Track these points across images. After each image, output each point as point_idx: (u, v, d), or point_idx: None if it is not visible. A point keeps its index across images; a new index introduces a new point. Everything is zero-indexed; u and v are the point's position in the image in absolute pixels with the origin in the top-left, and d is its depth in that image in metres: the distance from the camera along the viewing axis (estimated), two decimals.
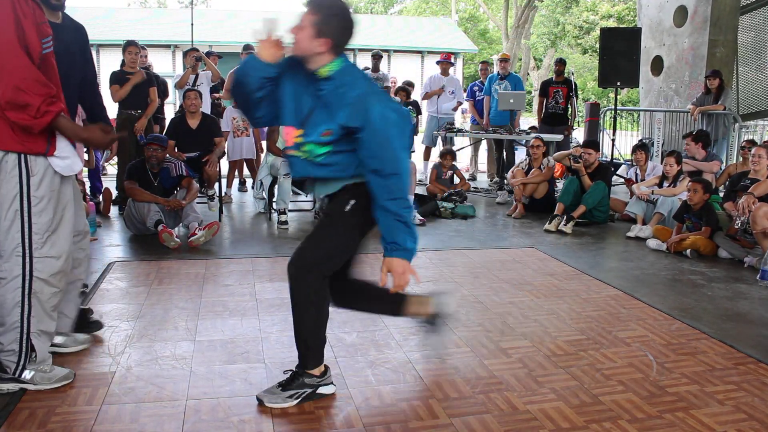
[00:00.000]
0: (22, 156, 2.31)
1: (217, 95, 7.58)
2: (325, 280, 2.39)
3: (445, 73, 8.86)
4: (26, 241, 2.36)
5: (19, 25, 2.23)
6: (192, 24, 6.47)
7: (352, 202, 2.41)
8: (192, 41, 6.53)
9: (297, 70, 2.42)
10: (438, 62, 9.09)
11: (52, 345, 2.68)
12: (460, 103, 8.97)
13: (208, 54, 7.76)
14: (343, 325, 3.27)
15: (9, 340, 2.42)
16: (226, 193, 6.89)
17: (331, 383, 2.55)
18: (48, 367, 2.53)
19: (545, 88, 8.65)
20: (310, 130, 2.36)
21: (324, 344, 2.49)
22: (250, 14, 22.10)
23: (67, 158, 2.42)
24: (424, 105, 9.24)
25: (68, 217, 2.50)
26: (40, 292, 2.41)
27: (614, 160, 8.13)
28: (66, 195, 2.49)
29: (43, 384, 2.50)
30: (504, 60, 8.77)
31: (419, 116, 8.74)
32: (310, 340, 2.43)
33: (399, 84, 9.12)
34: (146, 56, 7.25)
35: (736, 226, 4.63)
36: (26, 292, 2.38)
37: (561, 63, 8.68)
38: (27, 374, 2.47)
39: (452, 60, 9.16)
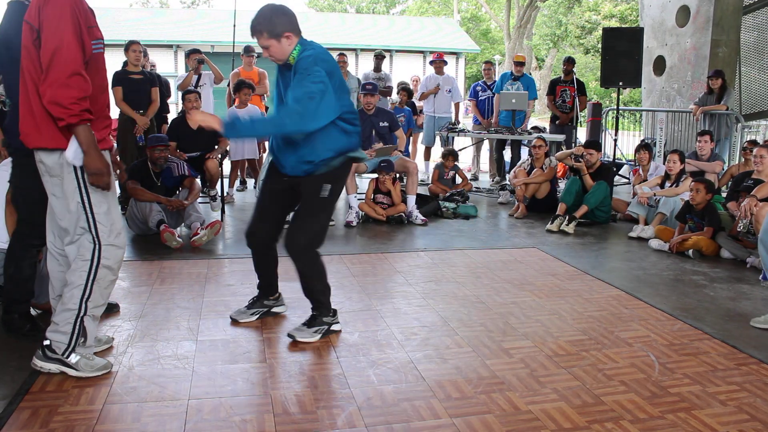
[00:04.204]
0: None
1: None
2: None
3: (439, 72, 8.87)
4: (93, 231, 2.50)
5: (77, 26, 2.37)
6: (234, 25, 6.52)
7: None
8: (234, 42, 6.61)
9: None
10: (431, 62, 9.11)
11: None
12: (457, 104, 8.96)
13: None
14: (345, 326, 3.27)
15: (63, 320, 2.52)
16: (228, 193, 6.89)
17: (338, 322, 3.20)
18: (91, 354, 2.63)
19: (553, 86, 8.67)
20: None
21: (329, 292, 3.13)
22: (251, 15, 22.07)
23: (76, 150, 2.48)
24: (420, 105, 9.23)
25: (118, 209, 2.63)
26: (102, 279, 2.54)
27: (616, 161, 8.12)
28: (114, 188, 2.62)
29: (86, 371, 2.59)
30: (519, 63, 8.66)
31: (416, 116, 8.73)
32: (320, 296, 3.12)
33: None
34: (147, 58, 7.27)
35: (739, 229, 4.62)
36: (91, 277, 2.51)
37: (570, 62, 8.65)
38: (74, 358, 2.57)
39: (445, 59, 9.15)
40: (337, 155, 2.97)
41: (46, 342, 2.57)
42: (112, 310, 3.37)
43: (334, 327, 3.16)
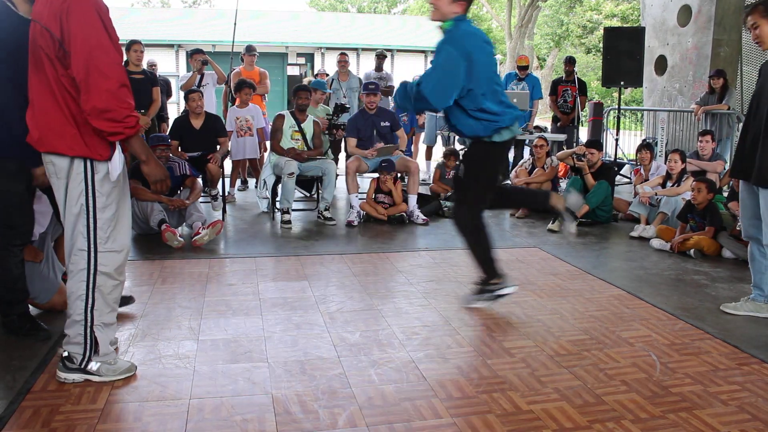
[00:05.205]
0: (88, 160, 2.39)
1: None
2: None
3: None
4: (91, 236, 2.44)
5: (105, 27, 2.32)
6: (235, 24, 6.54)
7: None
8: (233, 41, 6.63)
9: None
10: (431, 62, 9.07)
11: None
12: None
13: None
14: (346, 325, 3.27)
15: (74, 333, 2.51)
16: (229, 193, 6.90)
17: (508, 286, 3.47)
18: (112, 359, 2.62)
19: (555, 86, 8.66)
20: None
21: (495, 261, 3.46)
22: (252, 15, 22.12)
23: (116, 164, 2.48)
24: None
25: (127, 212, 2.59)
26: (103, 286, 2.49)
27: (618, 160, 8.11)
28: (127, 192, 2.59)
29: (108, 375, 2.58)
30: (523, 68, 8.60)
31: (418, 116, 8.72)
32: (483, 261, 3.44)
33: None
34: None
35: (739, 228, 4.61)
36: (90, 285, 2.47)
37: (570, 63, 8.64)
38: (93, 365, 2.56)
39: None
40: (471, 136, 3.33)
41: (65, 353, 2.55)
42: (127, 303, 3.40)
43: (503, 291, 3.48)
